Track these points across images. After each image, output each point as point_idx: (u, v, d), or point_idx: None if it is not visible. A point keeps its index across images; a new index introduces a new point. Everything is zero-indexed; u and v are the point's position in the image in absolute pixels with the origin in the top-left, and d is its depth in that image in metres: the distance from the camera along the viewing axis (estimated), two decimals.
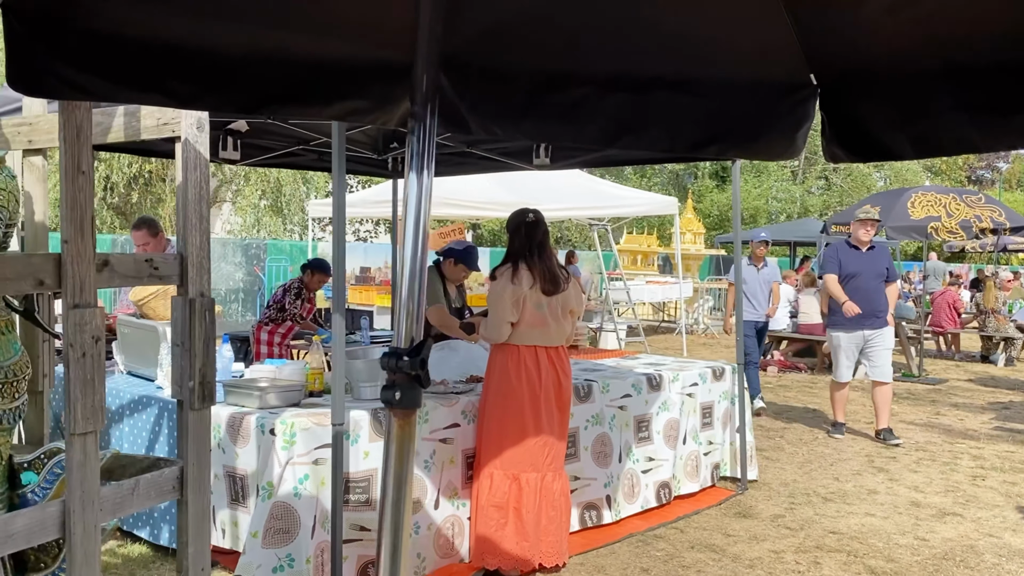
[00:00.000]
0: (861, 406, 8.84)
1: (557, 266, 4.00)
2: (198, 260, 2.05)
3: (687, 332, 14.77)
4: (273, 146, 5.97)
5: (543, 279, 3.89)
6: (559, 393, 3.96)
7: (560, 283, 3.95)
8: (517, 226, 3.97)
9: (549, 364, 3.93)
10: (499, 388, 3.87)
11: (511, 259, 3.94)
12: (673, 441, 5.02)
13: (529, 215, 3.99)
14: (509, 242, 3.99)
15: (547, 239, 4.00)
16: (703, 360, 5.71)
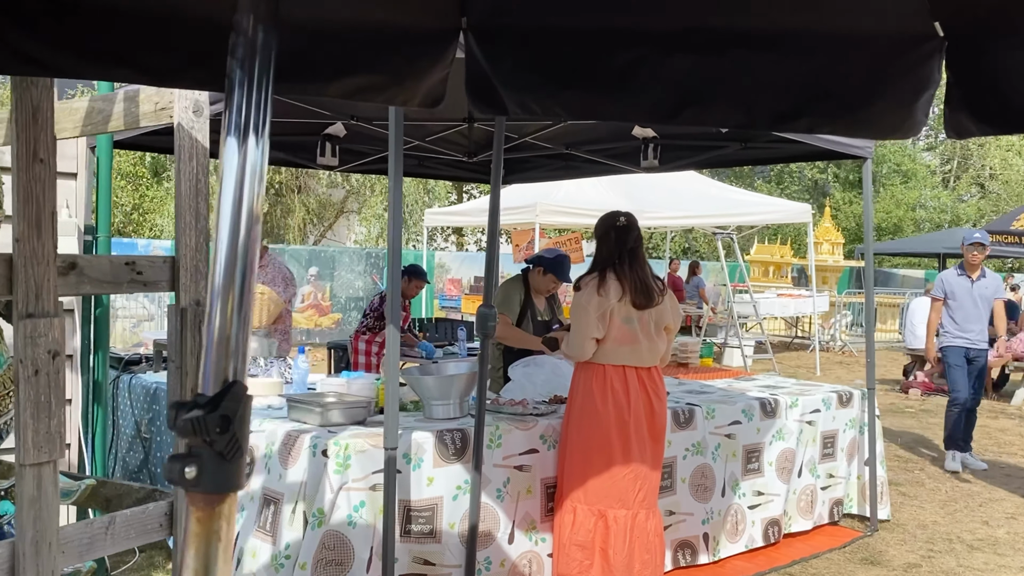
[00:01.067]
0: (1019, 436, 7.85)
1: (651, 276, 3.58)
2: (193, 264, 1.78)
3: (822, 349, 13.82)
4: (368, 151, 5.80)
5: (634, 290, 3.47)
6: (651, 420, 3.53)
7: (654, 295, 3.53)
8: (606, 231, 3.58)
9: (639, 386, 3.51)
10: (583, 412, 3.47)
11: (598, 268, 3.55)
12: (787, 474, 4.46)
13: (620, 218, 3.58)
14: (596, 249, 3.60)
15: (640, 246, 3.59)
16: (830, 384, 5.10)
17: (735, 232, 12.44)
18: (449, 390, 3.56)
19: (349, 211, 18.66)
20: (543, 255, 4.55)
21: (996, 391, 10.42)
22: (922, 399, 10.08)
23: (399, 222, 2.96)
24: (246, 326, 0.77)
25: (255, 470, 3.27)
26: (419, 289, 6.61)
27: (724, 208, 11.93)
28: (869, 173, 4.89)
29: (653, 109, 1.64)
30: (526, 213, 10.29)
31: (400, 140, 2.94)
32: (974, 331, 6.50)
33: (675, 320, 3.66)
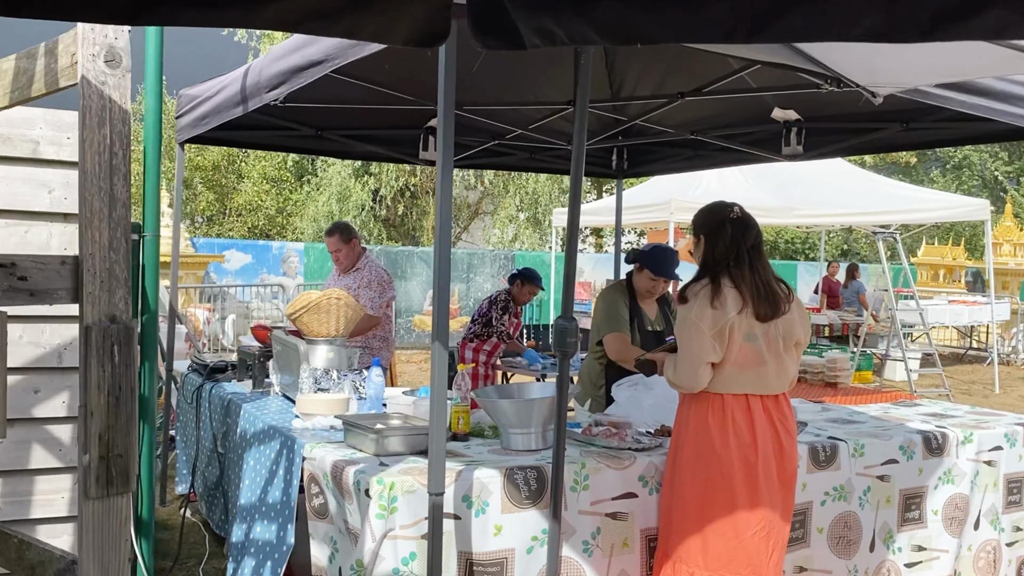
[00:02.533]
0: None
1: (775, 279, 2.87)
2: (105, 268, 1.31)
3: (1001, 363, 12.25)
4: (472, 143, 5.32)
5: (756, 299, 2.78)
6: (781, 462, 2.81)
7: (780, 303, 2.82)
8: (719, 224, 2.88)
9: (767, 421, 2.80)
10: (697, 453, 2.80)
11: (708, 272, 2.86)
12: (958, 525, 3.59)
13: (734, 209, 2.89)
14: (705, 248, 2.91)
15: (761, 244, 2.89)
16: (1014, 414, 4.15)
17: (899, 231, 11.17)
18: (529, 416, 2.99)
19: (484, 212, 18.41)
20: (642, 249, 3.89)
21: None
22: None
23: (448, 216, 2.42)
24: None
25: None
26: (532, 295, 6.08)
27: (886, 204, 10.73)
28: None
29: (725, 21, 1.01)
30: (660, 211, 9.56)
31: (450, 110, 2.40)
32: None
33: (805, 333, 2.93)
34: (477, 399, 3.09)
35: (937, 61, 2.90)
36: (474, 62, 4.41)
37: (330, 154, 6.72)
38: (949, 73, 3.01)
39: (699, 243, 2.96)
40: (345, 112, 4.91)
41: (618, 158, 5.96)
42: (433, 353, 2.39)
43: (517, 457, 2.90)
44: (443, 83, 2.40)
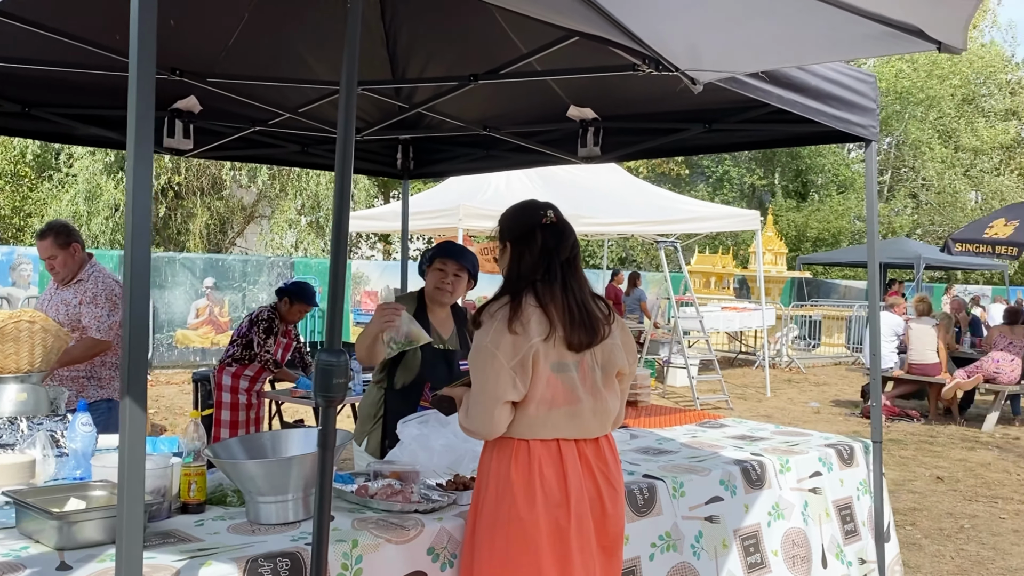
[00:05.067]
0: (1005, 472, 6.89)
1: (593, 299, 2.34)
2: None
3: (769, 366, 12.86)
4: (222, 129, 4.44)
5: (569, 324, 2.23)
6: (603, 523, 2.28)
7: (599, 327, 2.29)
8: (528, 231, 2.31)
9: (584, 472, 2.26)
10: (496, 518, 2.20)
11: (511, 288, 2.28)
12: (803, 564, 3.26)
13: (547, 213, 2.33)
14: (511, 259, 2.34)
15: (578, 257, 2.35)
16: (819, 432, 3.96)
17: (678, 240, 11.39)
18: (285, 479, 2.26)
19: (261, 216, 17.08)
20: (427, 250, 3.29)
21: (962, 415, 9.54)
22: (887, 425, 9.11)
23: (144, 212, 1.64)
24: None
25: None
26: (302, 314, 5.27)
27: (669, 214, 10.89)
28: (874, 159, 3.77)
29: None
30: (448, 216, 9.04)
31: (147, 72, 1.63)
32: None
33: (631, 361, 2.41)
34: (212, 459, 2.32)
35: (770, 41, 2.51)
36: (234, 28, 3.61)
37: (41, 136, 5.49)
38: (780, 58, 2.64)
39: (504, 251, 2.38)
40: (62, 83, 3.89)
41: (403, 156, 5.32)
42: (123, 397, 1.59)
43: (267, 537, 2.17)
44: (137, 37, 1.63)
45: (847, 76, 3.46)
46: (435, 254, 3.23)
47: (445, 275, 3.19)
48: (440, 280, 3.20)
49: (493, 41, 3.66)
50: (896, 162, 33.60)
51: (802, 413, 9.74)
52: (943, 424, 9.24)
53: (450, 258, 3.20)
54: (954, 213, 31.66)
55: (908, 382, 9.79)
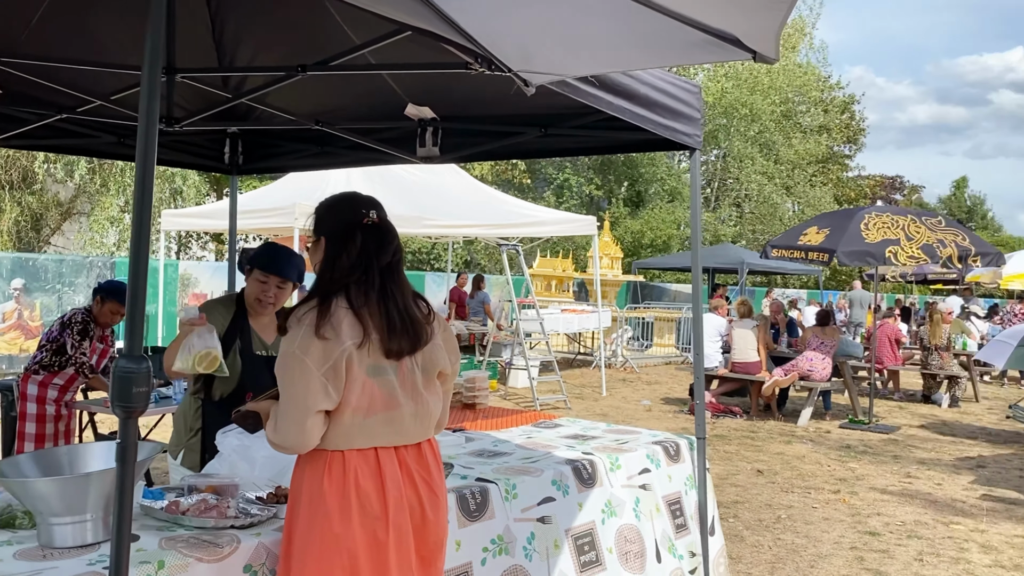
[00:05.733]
0: (817, 464, 7.40)
1: (415, 299, 2.25)
2: None
3: (605, 366, 13.26)
4: (24, 116, 4.06)
5: (389, 333, 2.13)
6: (423, 533, 2.19)
7: (422, 333, 2.20)
8: (346, 230, 2.18)
9: (405, 481, 2.16)
10: (310, 533, 2.09)
11: (322, 290, 2.15)
12: (637, 559, 3.32)
13: (370, 212, 2.21)
14: (325, 257, 2.22)
15: (400, 261, 2.24)
16: (648, 430, 4.09)
17: (520, 244, 11.54)
18: (83, 497, 2.06)
19: (79, 212, 15.89)
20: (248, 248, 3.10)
21: (780, 411, 10.19)
22: (712, 421, 9.59)
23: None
24: None
25: None
26: (115, 316, 4.89)
27: (511, 218, 11.02)
28: (698, 167, 3.92)
29: None
30: (284, 215, 8.72)
31: None
32: None
33: (453, 361, 2.34)
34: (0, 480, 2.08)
35: (598, 46, 2.54)
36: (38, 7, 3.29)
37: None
38: (609, 63, 2.67)
39: (318, 246, 2.22)
40: None
41: (232, 150, 5.05)
42: None
43: (59, 563, 1.97)
44: None
45: (674, 86, 3.57)
46: (254, 264, 3.01)
47: (267, 287, 2.99)
48: (261, 292, 3.01)
49: (325, 32, 3.53)
50: (722, 173, 35.64)
51: (635, 411, 10.08)
52: (763, 420, 9.82)
53: (272, 274, 3.00)
54: (773, 222, 33.92)
55: (731, 380, 10.34)
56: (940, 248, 8.29)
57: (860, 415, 9.89)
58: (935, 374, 11.91)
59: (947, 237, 8.45)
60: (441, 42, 2.58)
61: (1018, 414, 9.06)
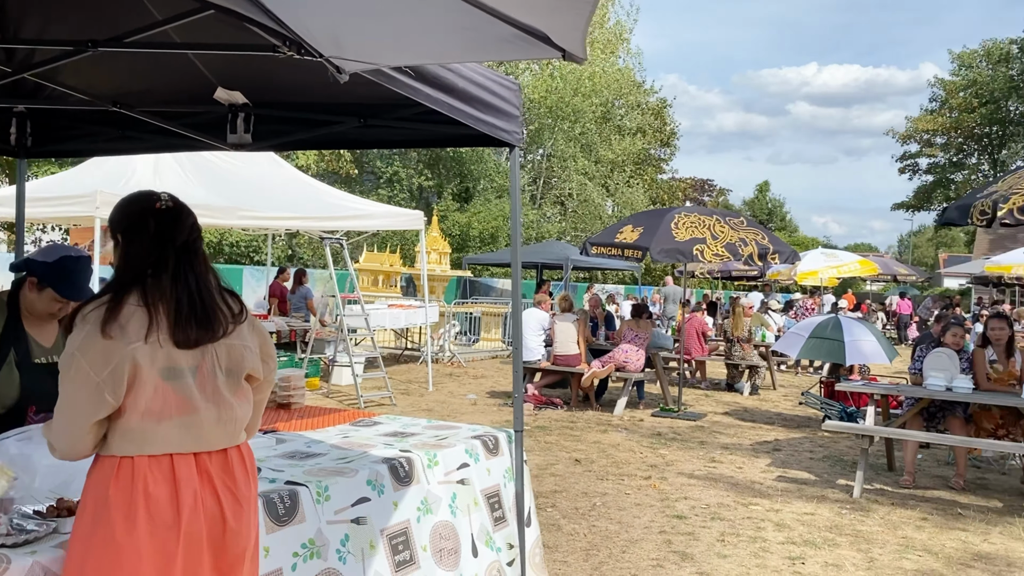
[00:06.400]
0: (630, 452, 7.73)
1: (218, 289, 2.15)
2: None
3: (432, 361, 13.25)
4: None
5: (176, 317, 2.01)
6: (223, 543, 2.06)
7: (215, 322, 2.09)
8: (139, 219, 2.08)
9: (206, 488, 2.04)
10: (90, 545, 1.92)
11: (115, 285, 2.03)
12: (451, 556, 3.30)
13: (161, 197, 2.12)
14: (120, 253, 2.09)
15: (198, 243, 2.14)
16: (467, 425, 4.09)
17: (344, 238, 11.30)
18: None
19: None
20: (37, 257, 2.78)
21: (598, 401, 10.56)
22: (535, 413, 9.80)
23: None
24: None
25: None
26: None
27: (334, 211, 10.76)
28: (517, 164, 3.97)
29: None
30: (84, 204, 8.07)
31: None
32: None
33: (269, 365, 2.25)
34: None
35: (413, 36, 2.50)
36: None
37: None
38: (423, 54, 2.64)
39: (117, 246, 2.11)
40: None
41: (19, 131, 4.59)
42: None
43: None
44: None
45: (493, 82, 3.59)
46: (47, 283, 2.69)
47: (63, 307, 2.73)
48: (55, 309, 2.74)
49: (124, 6, 3.28)
50: (547, 172, 36.58)
51: (461, 405, 10.13)
52: (582, 410, 10.15)
53: (69, 297, 2.70)
54: (595, 220, 35.22)
55: (553, 372, 10.62)
56: (742, 246, 8.88)
57: (670, 404, 10.43)
58: (738, 364, 12.77)
59: (748, 236, 9.06)
60: (245, 22, 2.45)
61: (809, 400, 9.87)
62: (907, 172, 52.47)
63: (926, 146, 50.39)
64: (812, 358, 13.64)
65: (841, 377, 10.28)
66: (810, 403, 9.79)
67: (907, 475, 6.87)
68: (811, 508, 5.98)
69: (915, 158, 51.70)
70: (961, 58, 48.00)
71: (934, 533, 5.47)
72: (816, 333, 9.64)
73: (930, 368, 6.81)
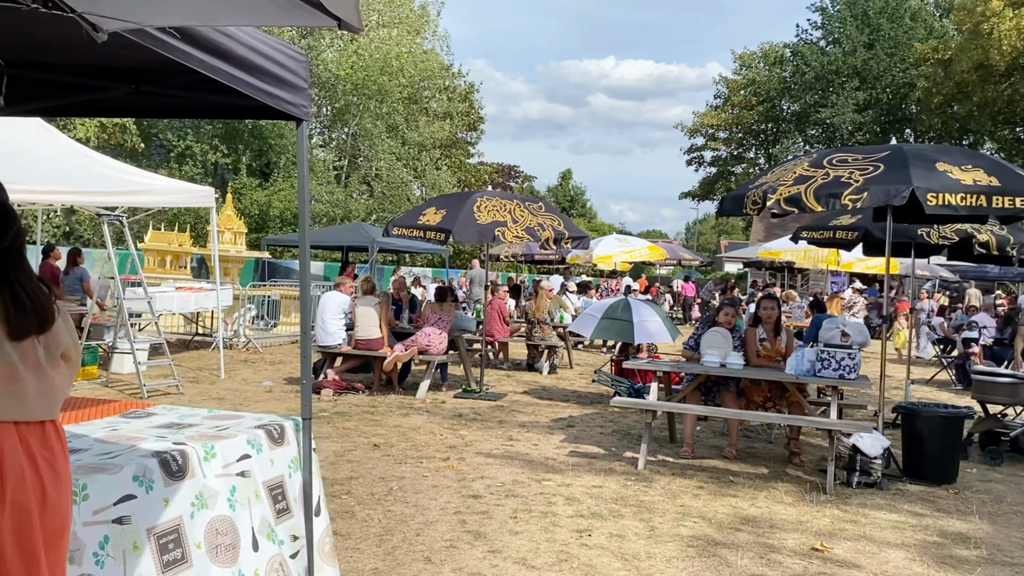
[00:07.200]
0: (431, 435, 7.73)
1: (38, 284, 2.22)
2: None
3: (225, 347, 12.63)
4: None
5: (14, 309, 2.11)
6: (44, 515, 2.10)
7: (48, 315, 2.21)
8: None
9: (26, 459, 2.07)
10: None
11: None
12: (229, 552, 3.11)
13: None
14: None
15: (22, 244, 2.21)
16: (252, 414, 3.89)
17: (127, 215, 10.48)
18: None
19: None
20: None
21: (401, 384, 10.49)
22: (335, 399, 9.58)
23: None
24: None
25: None
26: None
27: (113, 185, 9.90)
28: (305, 138, 3.80)
29: None
30: None
31: None
32: None
33: (74, 343, 2.32)
34: None
35: None
36: None
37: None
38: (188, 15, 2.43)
39: None
40: None
41: None
42: None
43: None
44: None
45: (277, 51, 3.40)
46: None
47: None
48: None
49: None
50: (353, 151, 35.87)
51: (255, 393, 9.73)
52: (385, 394, 10.05)
53: None
54: (402, 202, 34.97)
55: (355, 357, 10.42)
56: (540, 231, 9.10)
57: (473, 385, 10.55)
58: (538, 345, 13.13)
59: (546, 221, 9.30)
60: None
61: (601, 378, 10.32)
62: (694, 164, 56.14)
63: (711, 140, 54.11)
64: (604, 338, 14.28)
65: (630, 356, 10.83)
66: (602, 381, 10.24)
67: (686, 446, 7.34)
68: (599, 481, 6.24)
69: (701, 151, 55.39)
70: (742, 59, 51.90)
71: (708, 500, 5.87)
72: (608, 314, 10.09)
73: (706, 346, 7.30)
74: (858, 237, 9.22)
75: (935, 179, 5.81)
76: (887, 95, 44.08)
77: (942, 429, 6.75)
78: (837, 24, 46.07)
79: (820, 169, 6.18)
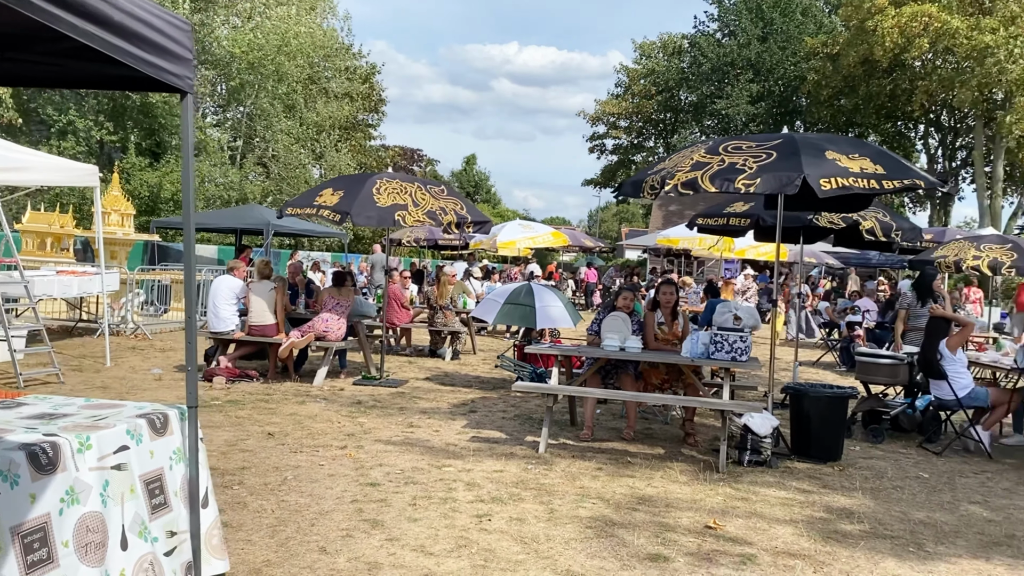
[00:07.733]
0: (328, 423, 7.56)
1: None
2: None
3: (112, 333, 12.05)
4: None
5: None
6: None
7: None
8: None
9: None
10: None
11: None
12: (97, 551, 2.91)
13: None
14: None
15: None
16: (134, 403, 3.68)
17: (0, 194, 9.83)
18: None
19: None
20: None
21: (297, 372, 10.23)
22: (227, 387, 9.26)
23: None
24: None
25: None
26: None
27: None
28: (190, 112, 3.59)
29: None
30: None
31: None
32: None
33: None
34: None
35: None
36: None
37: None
38: None
39: None
40: None
41: None
42: None
43: None
44: None
45: (159, 18, 3.20)
46: None
47: None
48: None
49: None
50: (248, 131, 34.74)
51: (143, 381, 9.30)
52: (280, 382, 9.77)
53: None
54: (300, 184, 34.09)
55: (249, 343, 10.10)
56: (442, 215, 9.00)
57: (373, 371, 10.38)
58: (440, 330, 13.04)
59: (448, 205, 9.20)
60: None
61: (504, 363, 10.32)
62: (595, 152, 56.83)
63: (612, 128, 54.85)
64: (507, 323, 14.30)
65: (533, 340, 10.87)
66: (505, 366, 10.24)
67: (586, 429, 7.41)
68: (500, 465, 6.23)
69: (603, 139, 56.09)
70: (642, 48, 52.74)
71: (607, 481, 5.94)
72: (511, 299, 10.08)
73: (606, 330, 7.38)
74: (750, 224, 9.48)
75: (825, 166, 6.01)
76: (779, 87, 45.65)
77: (828, 409, 7.03)
78: (733, 17, 47.33)
79: (716, 156, 6.30)
